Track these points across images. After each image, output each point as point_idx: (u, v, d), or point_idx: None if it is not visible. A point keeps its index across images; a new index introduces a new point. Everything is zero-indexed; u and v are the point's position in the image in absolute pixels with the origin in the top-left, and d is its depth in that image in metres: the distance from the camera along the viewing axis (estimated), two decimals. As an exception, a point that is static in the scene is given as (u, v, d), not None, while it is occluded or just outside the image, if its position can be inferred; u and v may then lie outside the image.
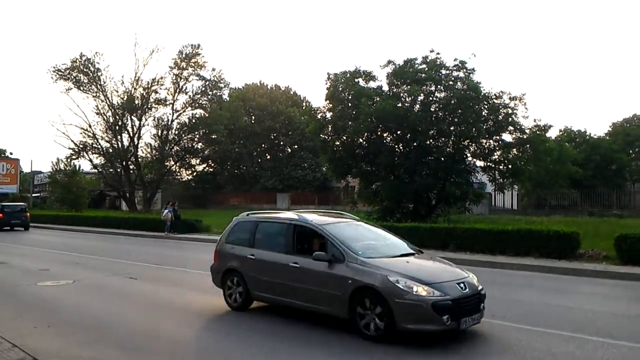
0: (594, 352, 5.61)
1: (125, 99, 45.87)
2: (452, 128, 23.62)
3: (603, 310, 8.01)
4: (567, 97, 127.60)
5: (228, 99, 55.91)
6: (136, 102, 46.17)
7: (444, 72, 23.96)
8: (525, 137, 23.59)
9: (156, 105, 47.95)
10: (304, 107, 55.37)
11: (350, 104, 24.54)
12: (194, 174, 59.25)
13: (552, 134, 38.56)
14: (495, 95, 23.32)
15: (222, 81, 50.39)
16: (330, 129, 25.55)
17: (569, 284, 10.80)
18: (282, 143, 61.85)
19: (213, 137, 51.00)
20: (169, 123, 49.19)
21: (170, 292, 9.69)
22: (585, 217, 33.75)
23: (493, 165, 24.76)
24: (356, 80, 24.89)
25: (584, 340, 6.08)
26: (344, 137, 24.85)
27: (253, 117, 61.22)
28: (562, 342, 6.02)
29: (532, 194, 45.87)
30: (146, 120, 48.10)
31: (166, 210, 24.47)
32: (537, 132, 23.89)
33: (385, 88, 25.05)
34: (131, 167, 48.34)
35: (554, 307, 8.20)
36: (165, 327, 7.08)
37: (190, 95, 49.06)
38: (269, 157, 62.34)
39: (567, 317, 7.45)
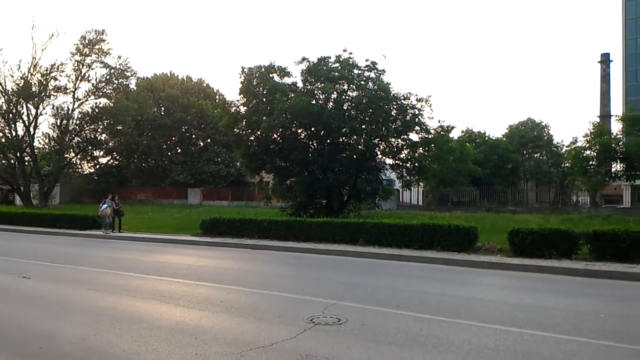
0: (488, 339, 6.00)
1: (21, 85, 42.14)
2: (363, 126, 24.32)
3: (497, 300, 8.62)
4: (468, 100, 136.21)
5: (135, 88, 53.25)
6: (33, 88, 42.54)
7: (356, 71, 24.58)
8: (430, 137, 24.87)
9: (55, 93, 44.49)
10: (217, 100, 54.23)
11: (264, 99, 24.40)
12: (97, 166, 55.78)
13: (455, 134, 40.90)
14: (403, 96, 24.34)
15: (128, 70, 47.87)
16: (244, 123, 25.26)
17: (467, 276, 11.51)
18: (194, 136, 60.06)
19: (118, 128, 48.33)
20: (70, 112, 45.88)
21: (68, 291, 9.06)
22: (484, 212, 36.24)
23: (401, 163, 25.85)
24: (271, 75, 24.79)
25: (479, 328, 6.49)
26: (258, 132, 24.67)
27: (163, 109, 58.83)
28: (459, 330, 6.38)
29: (436, 190, 48.46)
30: (44, 108, 44.46)
31: (105, 205, 21.88)
32: (441, 133, 25.26)
33: (300, 85, 25.22)
34: (26, 158, 44.52)
35: (453, 297, 8.69)
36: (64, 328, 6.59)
37: (93, 84, 46.07)
38: (179, 150, 60.27)
39: (465, 306, 7.92)
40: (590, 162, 24.38)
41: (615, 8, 63.21)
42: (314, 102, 23.85)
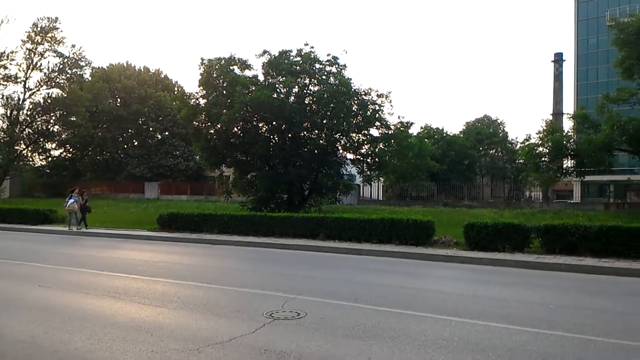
0: (443, 330, 6.14)
1: (-33, 73, 40.15)
2: (325, 121, 24.38)
3: (452, 292, 8.83)
4: (427, 97, 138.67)
5: (90, 79, 51.59)
6: (-19, 77, 40.63)
7: (317, 66, 24.59)
8: (390, 132, 25.20)
9: (5, 82, 42.67)
10: (175, 92, 53.13)
11: (225, 92, 24.11)
12: (49, 159, 53.75)
13: (414, 130, 41.58)
14: (364, 92, 24.55)
15: (83, 59, 46.44)
16: (203, 116, 24.88)
17: (425, 268, 11.75)
18: (151, 129, 58.68)
19: (72, 119, 46.80)
20: (20, 102, 44.09)
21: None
22: (441, 207, 37.03)
23: (361, 158, 26.09)
24: (231, 67, 24.50)
25: (435, 319, 6.64)
26: (219, 126, 24.36)
27: (119, 100, 57.19)
28: (416, 322, 6.51)
29: (396, 185, 49.18)
30: (-8, 98, 42.56)
31: (71, 200, 20.44)
32: (401, 129, 25.64)
33: (261, 78, 25.03)
34: (-27, 150, 42.52)
35: (411, 290, 8.85)
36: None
37: (45, 73, 44.46)
38: (136, 143, 58.77)
39: (422, 299, 8.09)
40: (543, 159, 25.27)
41: (568, 9, 65.70)
42: (275, 95, 23.72)
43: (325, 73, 24.67)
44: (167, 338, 5.79)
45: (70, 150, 57.09)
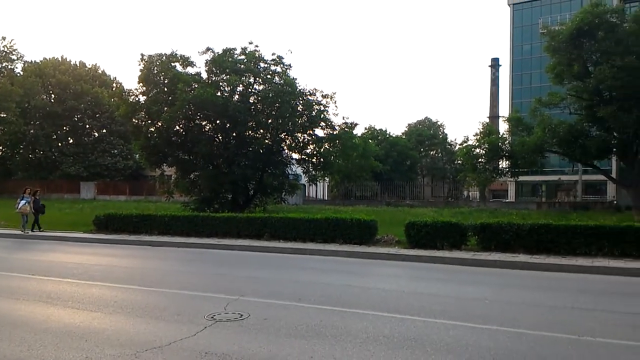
0: (384, 327, 6.26)
1: None
2: (270, 121, 24.26)
3: (394, 289, 9.02)
4: (371, 99, 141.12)
5: (22, 73, 48.81)
6: None
7: (262, 65, 24.45)
8: (335, 133, 25.43)
9: None
10: (114, 88, 51.25)
11: (166, 89, 23.50)
12: (-24, 157, 50.47)
13: (358, 131, 42.13)
14: (309, 92, 24.65)
15: (14, 52, 44.01)
16: (143, 113, 24.13)
17: (368, 267, 11.93)
18: (87, 126, 56.21)
19: (2, 115, 44.05)
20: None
21: None
22: (384, 206, 37.76)
23: (307, 158, 26.16)
24: (173, 64, 23.92)
25: (377, 317, 6.76)
26: (159, 123, 23.70)
27: (53, 96, 54.41)
28: (358, 320, 6.59)
29: (341, 185, 49.69)
30: None
31: (23, 201, 19.07)
32: (346, 129, 25.94)
33: (205, 75, 24.60)
34: None
35: (354, 288, 8.96)
36: None
37: (-29, 66, 41.62)
38: (71, 141, 56.14)
39: (364, 296, 8.20)
40: (480, 160, 26.28)
41: (505, 16, 68.69)
42: (219, 94, 23.37)
43: (270, 72, 24.57)
44: (102, 344, 5.56)
45: (0, 148, 53.76)
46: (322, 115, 24.90)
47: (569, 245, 12.39)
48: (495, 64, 72.48)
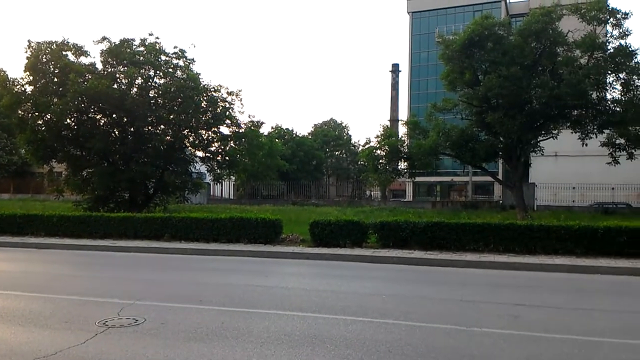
0: (286, 325, 6.29)
1: None
2: (171, 116, 23.38)
3: (297, 287, 9.10)
4: (278, 98, 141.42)
5: None
6: None
7: (163, 58, 23.54)
8: (241, 131, 25.10)
9: None
10: (-4, 77, 46.41)
11: (56, 79, 21.79)
12: None
13: (265, 130, 42.04)
14: (214, 88, 24.09)
15: None
16: (30, 105, 22.11)
17: (272, 266, 11.92)
18: (-37, 117, 50.47)
19: None
20: None
21: None
22: (290, 205, 38.00)
23: (211, 156, 25.55)
24: (64, 53, 22.24)
25: (279, 315, 6.77)
26: (48, 116, 21.89)
27: None
28: (260, 319, 6.56)
29: (247, 184, 49.22)
30: None
31: None
32: (252, 128, 25.70)
33: (100, 66, 23.14)
34: None
35: (257, 288, 8.90)
36: None
37: None
38: (-57, 133, 50.06)
39: (267, 296, 8.19)
40: (381, 161, 27.24)
41: (405, 24, 72.00)
42: (115, 86, 22.09)
43: (172, 66, 23.67)
44: (-26, 358, 5.02)
45: None
46: (227, 113, 24.44)
47: (459, 241, 13.27)
48: (395, 70, 75.73)
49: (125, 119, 22.82)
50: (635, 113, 21.25)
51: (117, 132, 23.70)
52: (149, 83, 23.45)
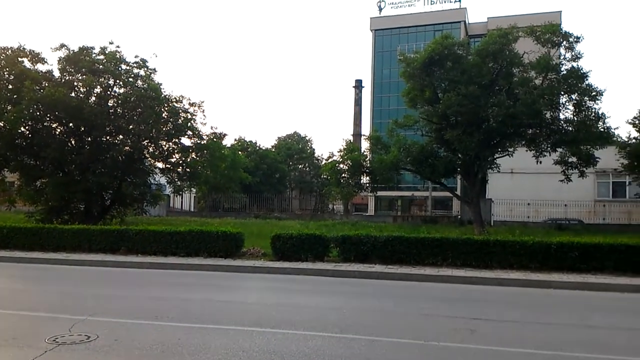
0: (244, 341, 6.19)
1: None
2: (131, 126, 22.84)
3: (257, 302, 9.00)
4: (242, 110, 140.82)
5: None
6: None
7: (124, 67, 23.08)
8: (203, 142, 24.74)
9: None
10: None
11: (10, 86, 21.06)
12: None
13: (228, 142, 41.68)
14: (175, 99, 23.75)
15: None
16: (-20, 112, 21.21)
17: (232, 280, 11.76)
18: None
19: None
20: None
21: None
22: (252, 218, 37.65)
23: (172, 168, 25.07)
24: (20, 59, 21.55)
25: (237, 331, 6.66)
26: (1, 124, 21.08)
27: None
28: (218, 335, 6.44)
29: (208, 197, 48.53)
30: None
31: None
32: (214, 139, 25.39)
33: (57, 74, 22.48)
34: None
35: (216, 303, 8.76)
36: None
37: None
38: None
39: (226, 311, 8.06)
40: (343, 175, 27.35)
41: (368, 41, 73.13)
42: (73, 94, 21.49)
43: (133, 75, 23.19)
44: None
45: None
46: (189, 124, 24.07)
47: (419, 256, 13.46)
48: (358, 85, 76.67)
49: (83, 128, 22.17)
50: (587, 133, 22.18)
51: (73, 142, 22.97)
52: (108, 92, 22.91)
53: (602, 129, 22.47)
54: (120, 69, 22.87)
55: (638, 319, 8.37)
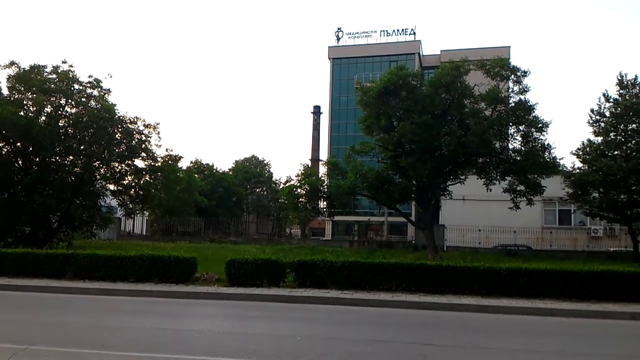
0: (195, 370, 6.03)
1: None
2: (82, 147, 22.21)
3: (209, 329, 8.79)
4: (199, 134, 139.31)
5: None
6: None
7: (77, 86, 22.57)
8: (157, 164, 24.29)
9: None
10: None
11: (-46, 103, 20.08)
12: None
13: (184, 164, 40.91)
14: (130, 120, 23.34)
15: None
16: None
17: (184, 307, 11.45)
18: None
19: None
20: None
21: None
22: (207, 242, 36.93)
23: (124, 190, 24.43)
24: (-34, 75, 20.64)
25: (188, 361, 6.49)
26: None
27: None
28: (168, 365, 6.25)
29: (162, 220, 47.32)
30: None
31: None
32: (170, 161, 24.97)
33: (5, 92, 21.71)
34: None
35: (165, 331, 8.49)
36: None
37: None
38: None
39: (176, 339, 7.82)
40: (301, 199, 27.42)
41: (326, 68, 74.23)
42: (22, 113, 20.75)
43: (86, 95, 22.67)
44: None
45: None
46: (143, 145, 23.61)
47: (374, 281, 13.54)
48: (317, 111, 77.58)
49: (31, 148, 21.37)
50: (534, 163, 23.19)
51: (20, 162, 22.09)
52: (60, 112, 22.26)
53: (548, 159, 23.50)
54: (72, 88, 22.31)
55: (582, 344, 8.69)
